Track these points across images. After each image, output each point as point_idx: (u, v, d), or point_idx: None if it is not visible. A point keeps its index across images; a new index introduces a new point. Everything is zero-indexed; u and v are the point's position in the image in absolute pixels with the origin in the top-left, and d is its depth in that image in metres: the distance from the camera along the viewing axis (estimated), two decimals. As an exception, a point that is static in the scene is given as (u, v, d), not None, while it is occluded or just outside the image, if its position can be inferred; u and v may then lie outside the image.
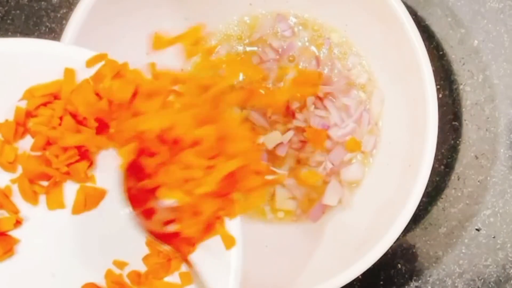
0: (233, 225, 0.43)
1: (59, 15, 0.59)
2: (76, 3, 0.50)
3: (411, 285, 0.57)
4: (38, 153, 0.43)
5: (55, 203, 0.44)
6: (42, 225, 0.44)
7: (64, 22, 0.59)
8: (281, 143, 0.55)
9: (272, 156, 0.56)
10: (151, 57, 0.55)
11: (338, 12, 0.55)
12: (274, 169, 0.56)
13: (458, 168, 0.57)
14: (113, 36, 0.53)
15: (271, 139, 0.56)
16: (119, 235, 0.45)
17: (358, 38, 0.56)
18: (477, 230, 0.56)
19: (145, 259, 0.44)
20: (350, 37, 0.56)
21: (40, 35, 0.59)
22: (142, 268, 0.45)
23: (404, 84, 0.53)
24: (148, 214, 0.43)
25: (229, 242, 0.43)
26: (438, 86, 0.56)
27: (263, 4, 0.56)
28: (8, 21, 0.59)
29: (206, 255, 0.44)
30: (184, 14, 0.56)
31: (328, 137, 0.55)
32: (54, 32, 0.59)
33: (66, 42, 0.50)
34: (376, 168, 0.56)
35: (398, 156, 0.53)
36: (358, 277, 0.49)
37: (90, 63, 0.43)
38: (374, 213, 0.53)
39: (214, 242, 0.43)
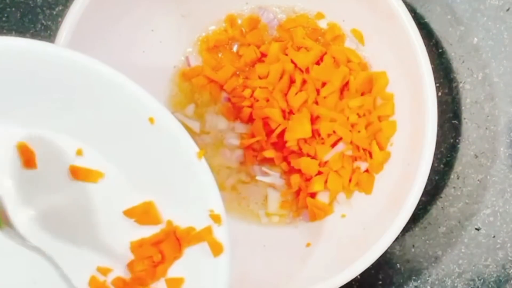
0: (221, 231, 0.43)
1: (54, 13, 0.59)
2: (71, 0, 0.50)
3: (410, 285, 0.57)
4: None
5: None
6: (25, 232, 0.43)
7: (59, 19, 0.58)
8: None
9: (265, 158, 0.55)
10: (147, 55, 0.56)
11: (335, 8, 0.54)
12: (267, 170, 0.55)
13: (458, 167, 0.57)
14: (109, 34, 0.53)
15: None
16: (104, 240, 0.44)
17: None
18: (477, 229, 0.56)
19: (130, 265, 0.44)
20: (347, 34, 0.56)
21: (36, 33, 0.59)
22: (127, 274, 0.44)
23: (403, 82, 0.52)
24: None
25: (217, 249, 0.43)
26: (438, 84, 0.56)
27: (260, 2, 0.56)
28: (3, 19, 0.59)
29: (194, 262, 0.43)
30: (180, 11, 0.56)
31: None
32: (49, 30, 0.59)
33: (62, 40, 0.49)
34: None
35: (397, 155, 0.53)
36: (356, 277, 0.49)
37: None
38: (372, 213, 0.53)
39: (201, 249, 0.43)
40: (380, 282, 0.57)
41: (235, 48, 0.57)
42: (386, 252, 0.48)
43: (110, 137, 0.44)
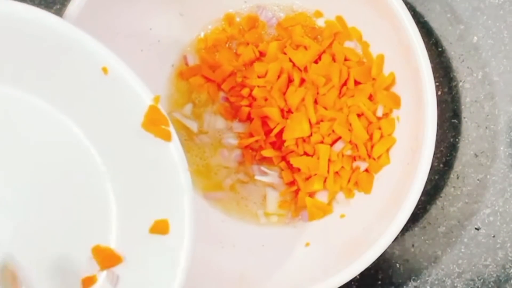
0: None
1: (52, 11, 0.58)
2: (69, -1, 0.49)
3: (410, 285, 0.56)
4: None
5: None
6: None
7: (57, 18, 0.58)
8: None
9: (264, 157, 0.55)
10: (145, 54, 0.55)
11: (334, 7, 0.54)
12: (265, 169, 0.55)
13: (458, 166, 0.56)
14: (107, 32, 0.52)
15: None
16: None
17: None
18: (477, 229, 0.56)
19: None
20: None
21: (33, 32, 0.58)
22: None
23: (403, 81, 0.52)
24: None
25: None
26: (437, 83, 0.56)
27: (258, 0, 0.56)
28: (1, 17, 0.59)
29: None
30: (179, 10, 0.55)
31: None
32: (47, 29, 0.58)
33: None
34: (374, 166, 0.55)
35: (397, 154, 0.53)
36: (356, 277, 0.49)
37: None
38: (372, 212, 0.52)
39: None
40: (380, 282, 0.57)
41: (233, 47, 0.57)
42: (385, 252, 0.48)
43: (66, 91, 0.44)
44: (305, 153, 0.54)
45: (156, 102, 0.44)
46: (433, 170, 0.55)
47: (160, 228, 0.45)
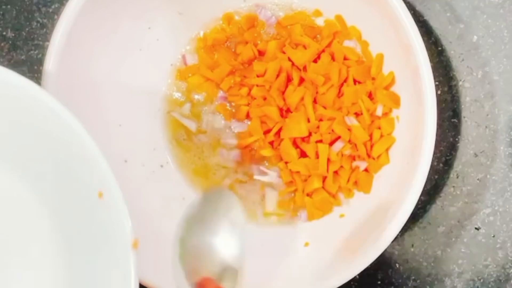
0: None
1: (50, 10, 0.58)
2: (67, -2, 0.49)
3: (410, 285, 0.56)
4: None
5: None
6: None
7: (55, 17, 0.58)
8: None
9: (262, 157, 0.55)
10: (144, 53, 0.55)
11: (333, 6, 0.54)
12: (264, 169, 0.55)
13: (457, 166, 0.56)
14: (106, 32, 0.53)
15: None
16: None
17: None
18: (477, 229, 0.56)
19: None
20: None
21: (31, 30, 0.58)
22: None
23: (402, 80, 0.52)
24: None
25: None
26: (437, 83, 0.56)
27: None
28: (-1, 16, 0.59)
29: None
30: (178, 9, 0.55)
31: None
32: (45, 28, 0.58)
33: (57, 38, 0.49)
34: (373, 166, 0.55)
35: (396, 154, 0.53)
36: (355, 277, 0.49)
37: None
38: (371, 212, 0.52)
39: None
40: (379, 282, 0.56)
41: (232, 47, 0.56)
42: (385, 252, 0.48)
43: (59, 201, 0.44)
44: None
45: (135, 246, 0.42)
46: (433, 170, 0.55)
47: None
